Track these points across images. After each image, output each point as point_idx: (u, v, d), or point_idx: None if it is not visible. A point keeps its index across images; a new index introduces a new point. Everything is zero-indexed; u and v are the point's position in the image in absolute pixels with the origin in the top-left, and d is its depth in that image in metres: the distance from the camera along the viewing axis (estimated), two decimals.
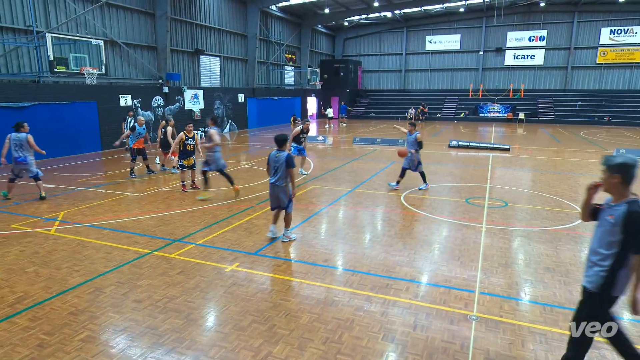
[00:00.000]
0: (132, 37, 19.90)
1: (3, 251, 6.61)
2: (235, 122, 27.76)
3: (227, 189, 10.81)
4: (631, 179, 3.16)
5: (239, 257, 6.33)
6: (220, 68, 26.67)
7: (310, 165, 14.50)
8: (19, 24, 15.29)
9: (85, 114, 17.21)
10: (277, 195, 6.85)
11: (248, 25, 28.18)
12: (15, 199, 9.89)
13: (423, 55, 41.00)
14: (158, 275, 5.70)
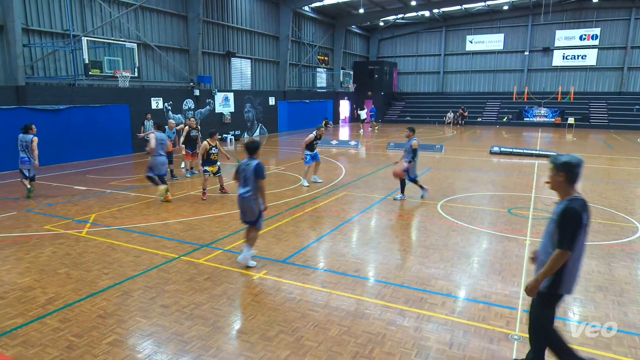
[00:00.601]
0: (164, 39, 20.60)
1: (37, 252, 6.95)
2: (265, 125, 28.13)
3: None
4: (574, 177, 3.34)
5: (267, 265, 6.39)
6: (252, 70, 27.16)
7: (342, 171, 14.49)
8: (56, 28, 16.15)
9: (117, 116, 17.93)
10: (246, 208, 6.24)
11: (280, 27, 28.58)
12: (49, 201, 10.39)
13: (463, 56, 40.30)
14: (185, 281, 5.83)
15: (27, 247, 7.19)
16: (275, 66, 29.20)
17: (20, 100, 14.81)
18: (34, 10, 15.45)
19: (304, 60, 32.08)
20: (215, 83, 24.02)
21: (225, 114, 24.48)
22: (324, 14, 33.44)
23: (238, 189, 6.31)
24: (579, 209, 3.28)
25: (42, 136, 14.98)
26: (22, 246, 7.22)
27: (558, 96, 36.35)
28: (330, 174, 13.92)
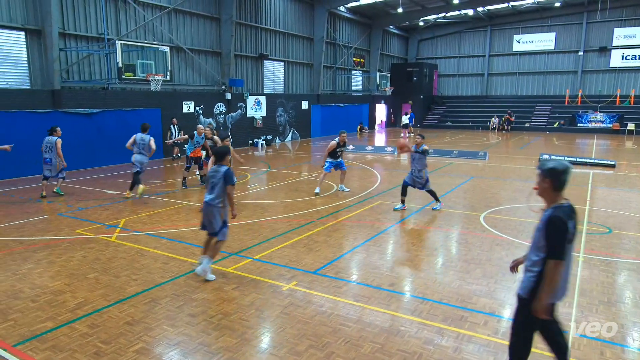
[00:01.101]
0: (197, 42, 21.22)
1: (68, 255, 7.26)
2: (297, 130, 28.37)
3: (286, 201, 11.06)
4: (561, 184, 3.39)
5: (297, 275, 6.41)
6: (284, 73, 27.52)
7: (377, 179, 14.40)
8: (92, 32, 16.95)
9: (149, 120, 18.51)
10: (209, 217, 6.21)
11: (315, 28, 28.86)
12: (81, 205, 10.85)
13: (509, 57, 39.37)
14: (213, 290, 5.93)
15: (59, 250, 7.52)
16: (309, 69, 29.47)
17: (56, 104, 15.59)
18: (71, 15, 16.28)
19: (338, 63, 32.22)
20: (247, 86, 24.47)
21: (257, 118, 24.87)
22: (361, 14, 33.52)
23: (205, 196, 6.30)
24: (564, 217, 3.33)
25: (75, 140, 15.72)
26: (54, 250, 7.56)
27: (616, 100, 34.83)
28: (365, 182, 13.86)
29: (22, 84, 15.16)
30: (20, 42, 14.99)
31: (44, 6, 14.93)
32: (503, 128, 34.85)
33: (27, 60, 15.20)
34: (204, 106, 21.60)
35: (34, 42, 15.23)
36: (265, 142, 24.92)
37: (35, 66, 15.36)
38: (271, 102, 26.02)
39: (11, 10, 14.55)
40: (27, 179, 14.22)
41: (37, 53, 15.35)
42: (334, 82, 32.46)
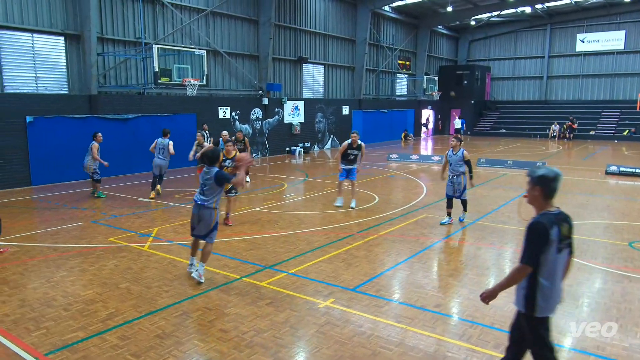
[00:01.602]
0: (234, 45, 21.77)
1: (100, 264, 7.56)
2: (337, 137, 28.45)
3: (324, 212, 11.08)
4: (551, 192, 3.54)
5: (334, 292, 6.39)
6: (324, 77, 27.73)
7: (423, 190, 14.20)
8: (129, 37, 17.73)
9: (184, 126, 19.13)
10: (200, 217, 6.55)
11: (357, 29, 28.99)
12: (114, 212, 11.29)
13: (572, 58, 38.05)
14: (246, 305, 6.00)
15: (92, 258, 7.84)
16: (351, 72, 29.57)
17: (92, 109, 16.37)
18: (109, 19, 17.11)
19: (382, 66, 32.17)
20: (285, 91, 24.82)
21: (295, 124, 25.14)
22: (406, 14, 33.40)
23: (194, 197, 6.72)
24: (546, 223, 3.45)
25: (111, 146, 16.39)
26: (87, 257, 7.89)
27: None
28: (409, 193, 13.70)
29: (60, 89, 16.02)
30: (60, 47, 15.87)
31: (83, 11, 15.77)
32: (564, 136, 33.61)
33: (65, 65, 16.07)
34: (240, 112, 22.06)
35: (73, 47, 16.09)
36: (303, 149, 25.13)
37: (73, 71, 16.21)
38: (310, 107, 26.25)
39: (52, 16, 15.46)
40: (63, 185, 14.95)
41: (76, 58, 16.20)
42: (377, 86, 32.41)
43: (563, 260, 3.62)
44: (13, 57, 14.76)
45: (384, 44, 31.95)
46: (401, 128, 34.17)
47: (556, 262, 3.53)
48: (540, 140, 33.26)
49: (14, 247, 8.48)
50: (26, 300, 6.16)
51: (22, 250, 8.33)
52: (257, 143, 23.25)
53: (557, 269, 3.56)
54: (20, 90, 14.92)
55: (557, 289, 3.61)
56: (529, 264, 3.46)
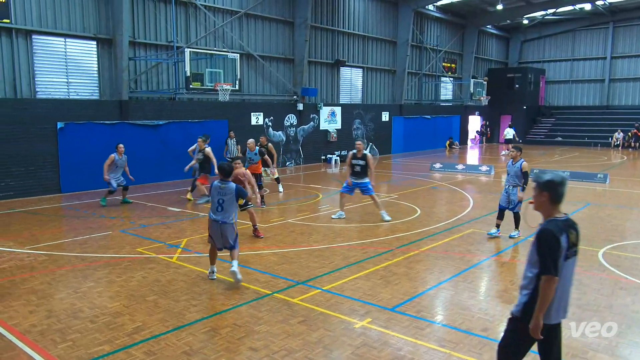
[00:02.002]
0: (268, 48, 22.12)
1: (127, 275, 7.77)
2: (376, 145, 28.35)
3: (361, 225, 11.02)
4: (558, 197, 3.65)
5: (371, 312, 6.33)
6: (363, 81, 27.77)
7: (469, 203, 13.95)
8: (161, 40, 18.32)
9: (215, 133, 19.49)
10: (222, 234, 7.08)
11: (398, 30, 28.95)
12: (143, 222, 11.60)
13: (638, 59, 36.67)
14: (277, 322, 6.02)
15: (119, 269, 8.07)
16: (391, 76, 29.49)
17: (123, 115, 16.94)
18: (141, 23, 17.73)
19: (425, 69, 31.96)
20: (321, 96, 24.97)
21: (331, 131, 25.23)
22: (452, 13, 33.13)
23: (210, 214, 7.19)
24: (556, 231, 3.55)
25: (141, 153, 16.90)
26: (114, 268, 8.13)
27: None
28: (454, 206, 13.48)
29: (91, 94, 16.68)
30: (92, 51, 16.55)
31: (116, 14, 16.41)
32: (629, 145, 32.34)
33: (97, 70, 16.73)
34: (274, 118, 22.33)
35: (105, 51, 16.75)
36: (339, 158, 25.15)
37: (104, 76, 16.86)
38: (347, 113, 26.30)
39: (84, 20, 16.15)
40: (92, 193, 15.48)
41: (107, 63, 16.84)
42: (420, 90, 32.18)
43: (570, 268, 3.70)
44: (46, 62, 15.49)
45: (427, 45, 31.74)
46: (446, 135, 33.74)
47: (563, 269, 3.60)
48: (601, 150, 32.13)
49: (43, 255, 8.84)
50: (53, 310, 6.39)
51: (51, 259, 8.66)
52: (291, 151, 23.45)
53: (562, 277, 3.61)
54: (51, 95, 15.62)
55: (562, 297, 3.68)
56: (553, 274, 3.52)
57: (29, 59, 15.01)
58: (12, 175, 14.54)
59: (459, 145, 34.43)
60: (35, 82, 15.26)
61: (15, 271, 7.99)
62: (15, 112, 14.49)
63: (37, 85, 15.32)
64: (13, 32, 14.53)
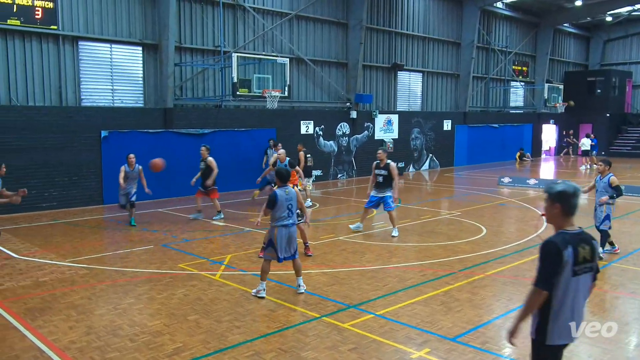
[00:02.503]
0: (319, 52, 22.37)
1: (168, 293, 7.98)
2: (437, 157, 27.99)
3: (420, 244, 10.87)
4: (571, 209, 3.73)
5: (430, 341, 6.21)
6: (423, 86, 27.56)
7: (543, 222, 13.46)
8: (207, 45, 18.90)
9: (263, 142, 19.83)
10: (290, 240, 7.66)
11: (463, 30, 28.61)
12: (186, 236, 11.92)
13: None
14: (326, 348, 6.00)
15: (160, 286, 8.30)
16: (454, 80, 29.13)
17: (167, 124, 17.54)
18: (188, 27, 18.38)
19: (492, 72, 31.36)
20: (377, 103, 24.95)
21: (387, 141, 25.11)
22: (524, 11, 32.42)
23: (281, 222, 7.57)
24: (558, 243, 3.63)
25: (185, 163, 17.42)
26: (156, 284, 8.37)
27: None
28: (526, 225, 13.06)
29: (136, 102, 17.40)
30: (137, 57, 17.30)
31: (162, 19, 17.10)
32: None
33: (142, 77, 17.45)
34: (325, 126, 22.46)
35: (150, 57, 17.46)
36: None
37: (149, 83, 17.55)
38: (405, 121, 26.14)
39: (131, 25, 16.93)
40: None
41: (153, 69, 17.54)
42: (486, 96, 31.58)
43: (582, 286, 3.76)
44: (91, 68, 16.33)
45: (495, 46, 31.16)
46: (516, 146, 32.86)
47: (571, 285, 3.67)
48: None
49: (84, 269, 9.23)
50: (93, 327, 6.64)
51: (91, 273, 9.04)
52: (343, 162, 23.49)
53: (572, 294, 3.70)
54: (96, 103, 16.41)
55: (573, 316, 3.74)
56: (541, 287, 3.65)
57: (74, 65, 15.86)
58: (56, 186, 15.32)
59: (531, 158, 33.43)
60: (81, 90, 16.08)
61: (56, 284, 8.38)
62: (60, 121, 15.30)
63: (83, 92, 16.14)
64: (60, 38, 15.41)
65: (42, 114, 15.03)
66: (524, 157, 32.66)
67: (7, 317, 6.96)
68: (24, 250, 10.54)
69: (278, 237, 7.58)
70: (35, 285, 8.34)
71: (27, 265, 9.53)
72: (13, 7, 14.35)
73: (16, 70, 14.80)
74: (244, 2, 19.40)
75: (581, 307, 3.80)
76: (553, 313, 3.70)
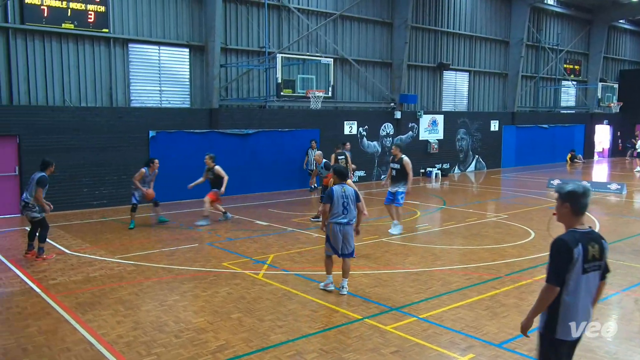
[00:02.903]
0: (364, 52, 22.32)
1: (213, 290, 8.13)
2: (483, 158, 27.50)
3: (465, 247, 10.70)
4: (581, 208, 3.84)
5: (475, 346, 6.10)
6: (469, 86, 27.12)
7: (595, 227, 13.02)
8: (252, 46, 19.16)
9: (306, 143, 19.91)
10: (347, 238, 7.79)
11: (511, 28, 28.04)
12: (230, 235, 12.11)
13: None
14: (367, 351, 5.98)
15: (205, 284, 8.47)
16: (502, 80, 28.55)
17: (213, 124, 17.88)
18: (233, 28, 18.67)
19: (542, 71, 30.57)
20: (422, 103, 24.72)
21: (432, 141, 24.84)
22: (576, 7, 31.46)
23: (335, 219, 7.72)
24: (570, 241, 3.76)
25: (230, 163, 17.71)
26: (200, 282, 8.54)
27: None
28: None
29: (182, 102, 17.81)
30: (184, 59, 17.71)
31: (208, 21, 17.45)
32: None
33: (189, 78, 17.86)
34: (369, 127, 22.40)
35: (197, 58, 17.84)
36: (440, 171, 24.65)
37: (196, 84, 17.94)
38: (451, 121, 25.79)
39: (178, 28, 17.34)
40: (179, 203, 16.44)
41: (199, 70, 17.92)
42: (536, 96, 30.80)
43: (591, 284, 3.89)
44: (140, 70, 16.83)
45: (545, 44, 30.35)
46: (566, 148, 31.90)
47: (581, 282, 3.80)
48: None
49: (131, 265, 9.51)
50: (139, 322, 6.83)
51: (139, 269, 9.30)
52: (387, 163, 23.30)
53: (582, 291, 3.82)
54: (144, 104, 16.89)
55: (582, 313, 3.86)
56: (553, 283, 3.78)
57: (124, 67, 16.38)
58: (106, 184, 15.86)
59: (583, 160, 32.36)
60: (130, 91, 16.59)
61: (105, 280, 8.67)
62: (110, 121, 15.83)
63: (132, 94, 16.65)
64: (111, 41, 15.94)
65: (93, 114, 15.59)
66: (575, 158, 31.65)
67: (59, 311, 7.25)
68: (76, 246, 10.96)
69: (333, 234, 7.77)
70: (85, 281, 8.65)
71: (79, 260, 9.90)
72: (67, 12, 14.95)
73: (70, 73, 15.40)
74: (289, 2, 19.56)
75: (589, 305, 3.92)
76: (562, 309, 3.82)
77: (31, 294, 8.01)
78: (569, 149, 32.01)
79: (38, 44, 14.83)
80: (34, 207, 9.68)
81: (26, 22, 14.44)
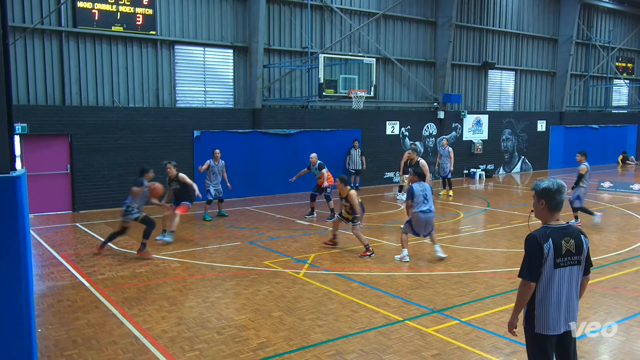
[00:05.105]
0: (407, 52, 22.14)
1: (254, 289, 8.23)
2: (529, 159, 26.87)
3: (509, 250, 10.48)
4: (556, 204, 4.00)
5: (519, 352, 5.96)
6: (515, 85, 26.53)
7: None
8: (295, 47, 19.28)
9: (347, 143, 19.92)
10: (429, 222, 9.71)
11: (560, 26, 27.29)
12: (271, 234, 12.24)
13: None
14: (408, 353, 5.94)
15: (246, 282, 8.59)
16: (550, 79, 27.81)
17: (255, 124, 18.10)
18: (276, 29, 18.85)
19: (593, 70, 29.59)
20: (466, 103, 24.33)
21: (476, 142, 24.43)
22: (629, 3, 30.31)
23: (420, 207, 9.57)
24: (538, 236, 3.93)
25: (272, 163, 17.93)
26: (242, 280, 8.67)
27: None
28: (628, 234, 12.24)
29: (226, 102, 18.10)
30: (228, 60, 17.99)
31: (252, 22, 17.68)
32: None
33: (232, 78, 18.13)
34: (411, 127, 22.21)
35: (240, 59, 18.10)
36: (484, 172, 24.22)
37: (239, 85, 18.21)
38: (495, 121, 25.30)
39: (223, 29, 17.63)
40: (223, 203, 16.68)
41: (242, 71, 18.18)
42: (585, 95, 29.85)
43: (567, 278, 3.96)
44: (186, 71, 17.19)
45: (596, 42, 29.36)
46: (618, 149, 30.80)
47: (554, 277, 3.92)
48: None
49: (176, 262, 9.74)
50: (183, 318, 6.99)
51: (183, 266, 9.52)
52: (430, 164, 23.01)
53: (555, 285, 3.94)
54: (189, 104, 17.25)
55: (560, 307, 3.96)
56: (526, 278, 3.96)
57: (171, 68, 16.78)
58: None
59: (635, 161, 31.16)
60: (176, 91, 16.97)
61: (150, 276, 8.91)
62: (157, 121, 16.25)
63: (178, 94, 17.03)
64: (158, 43, 16.35)
65: (140, 114, 16.03)
66: (627, 160, 30.50)
67: (107, 305, 7.50)
68: (123, 242, 11.28)
69: (417, 221, 9.60)
70: (132, 276, 8.91)
71: (125, 256, 10.21)
72: (117, 15, 15.41)
73: (119, 74, 15.87)
74: (332, 3, 19.59)
75: (571, 301, 4.00)
76: (537, 302, 3.97)
77: (81, 287, 8.31)
78: (620, 151, 30.91)
79: (89, 47, 15.36)
80: (132, 210, 10.03)
81: (78, 26, 14.98)
